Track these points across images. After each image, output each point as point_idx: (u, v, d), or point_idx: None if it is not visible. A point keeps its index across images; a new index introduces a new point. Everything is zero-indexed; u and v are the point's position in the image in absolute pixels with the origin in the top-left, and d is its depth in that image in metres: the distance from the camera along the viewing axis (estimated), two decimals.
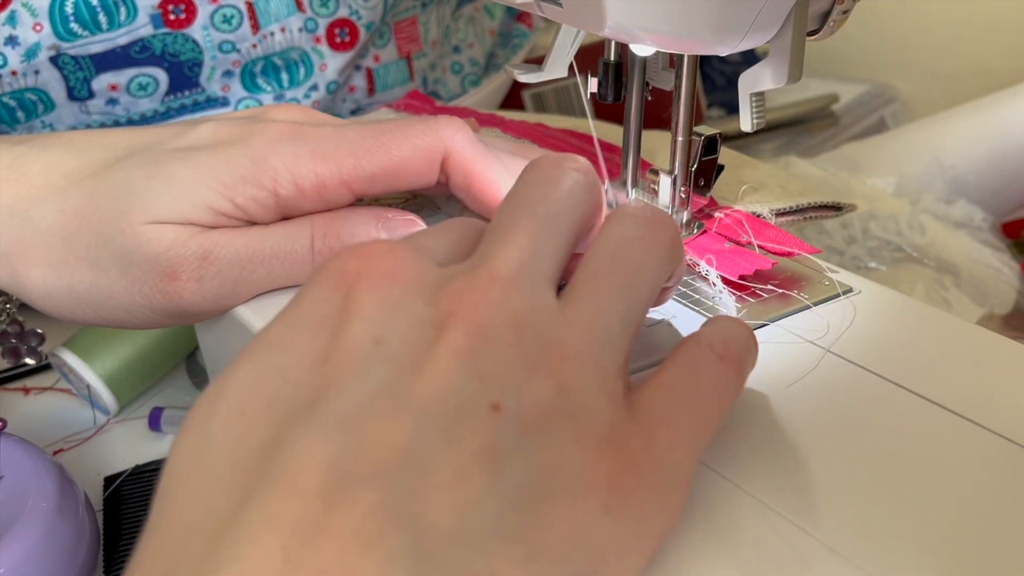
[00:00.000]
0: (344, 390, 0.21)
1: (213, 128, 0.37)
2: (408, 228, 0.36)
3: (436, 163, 0.36)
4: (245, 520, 0.19)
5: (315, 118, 0.39)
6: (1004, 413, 0.29)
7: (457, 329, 0.22)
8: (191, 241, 0.34)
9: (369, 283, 0.23)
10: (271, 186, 0.35)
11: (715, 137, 0.37)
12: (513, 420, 0.21)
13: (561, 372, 0.22)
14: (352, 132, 0.36)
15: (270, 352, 0.23)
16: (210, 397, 0.23)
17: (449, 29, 0.64)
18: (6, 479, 0.35)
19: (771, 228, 0.38)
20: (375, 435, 0.20)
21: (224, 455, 0.21)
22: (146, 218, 0.34)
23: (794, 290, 0.36)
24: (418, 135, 0.36)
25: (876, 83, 0.92)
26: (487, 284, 0.23)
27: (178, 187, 0.34)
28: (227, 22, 0.52)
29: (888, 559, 0.23)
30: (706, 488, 0.26)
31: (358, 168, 0.35)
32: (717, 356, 0.26)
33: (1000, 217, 0.67)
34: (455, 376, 0.22)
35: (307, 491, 0.19)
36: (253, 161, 0.35)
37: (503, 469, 0.21)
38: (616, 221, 0.27)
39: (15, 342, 0.43)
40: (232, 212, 0.35)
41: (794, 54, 0.31)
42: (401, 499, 0.19)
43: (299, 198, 0.35)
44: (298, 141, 0.35)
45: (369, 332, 0.22)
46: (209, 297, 0.35)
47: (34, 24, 0.48)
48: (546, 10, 0.33)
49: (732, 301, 0.34)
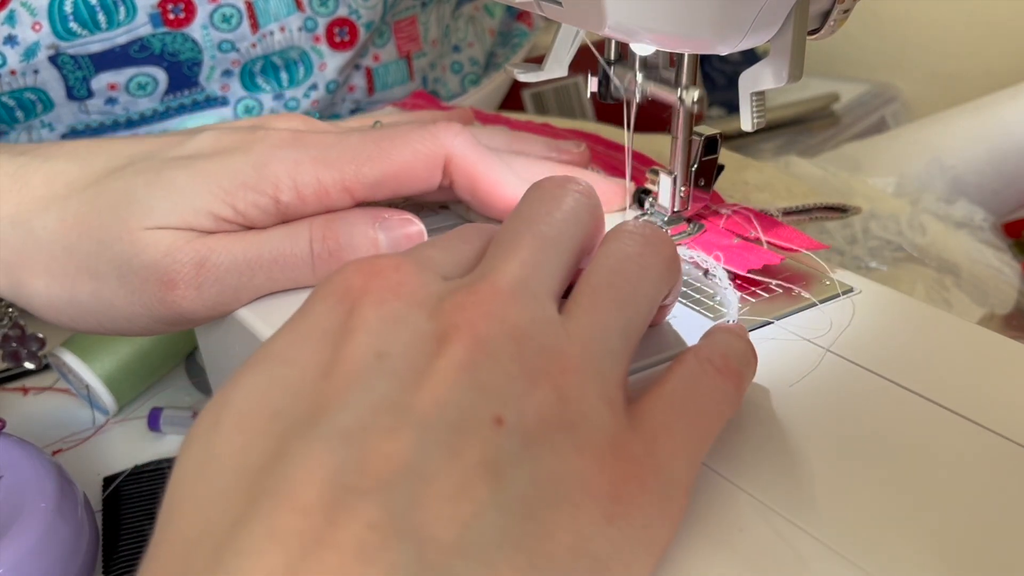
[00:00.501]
0: (346, 404, 0.21)
1: (214, 137, 0.37)
2: (405, 227, 0.36)
3: (438, 168, 0.36)
4: (248, 533, 0.19)
5: (316, 126, 0.39)
6: (1004, 413, 0.29)
7: (459, 342, 0.22)
8: (187, 247, 0.34)
9: (373, 298, 0.23)
10: (272, 192, 0.35)
11: (715, 137, 0.37)
12: (514, 431, 0.21)
13: (561, 383, 0.23)
14: (353, 139, 0.36)
15: (273, 365, 0.23)
16: (213, 410, 0.23)
17: (449, 28, 0.64)
18: (5, 479, 0.35)
19: (779, 224, 0.38)
20: (377, 448, 0.20)
21: (227, 468, 0.21)
22: (144, 224, 0.34)
23: (795, 290, 0.36)
24: (419, 140, 0.36)
25: (876, 83, 0.91)
26: (488, 297, 0.23)
27: (178, 193, 0.34)
28: (226, 21, 0.52)
29: (888, 559, 0.23)
30: (706, 488, 0.26)
31: (359, 174, 0.35)
32: (715, 370, 0.26)
33: (1001, 217, 0.67)
34: (456, 389, 0.22)
35: (309, 504, 0.19)
36: (254, 167, 0.35)
37: (505, 480, 0.21)
38: (615, 238, 0.28)
39: (16, 346, 0.44)
40: (233, 217, 0.35)
41: (794, 53, 0.31)
42: (403, 512, 0.19)
43: (300, 204, 0.35)
44: (299, 148, 0.35)
45: (372, 346, 0.22)
46: (210, 304, 0.35)
47: (33, 23, 0.48)
48: (546, 9, 0.33)
49: (736, 298, 0.34)
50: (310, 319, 0.24)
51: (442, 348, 0.22)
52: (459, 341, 0.22)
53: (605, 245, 0.28)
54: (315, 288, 0.25)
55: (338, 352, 0.23)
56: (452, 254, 0.27)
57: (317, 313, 0.24)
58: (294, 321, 0.24)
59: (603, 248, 0.28)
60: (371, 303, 0.23)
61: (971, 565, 0.23)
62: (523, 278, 0.24)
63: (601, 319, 0.25)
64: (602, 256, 0.27)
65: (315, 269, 0.35)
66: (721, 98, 0.86)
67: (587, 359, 0.24)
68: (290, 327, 0.24)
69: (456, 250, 0.27)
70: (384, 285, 0.24)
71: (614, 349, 0.25)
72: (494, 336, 0.23)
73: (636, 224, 0.29)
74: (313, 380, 0.22)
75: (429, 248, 0.27)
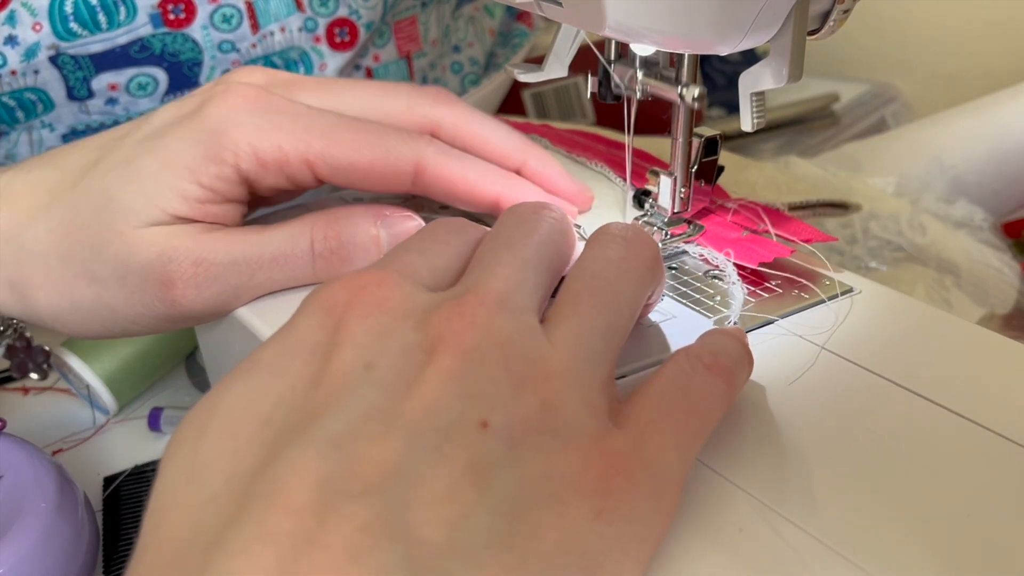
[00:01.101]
0: (336, 412, 0.22)
1: (175, 106, 0.37)
2: (406, 224, 0.36)
3: (405, 175, 0.36)
4: (239, 534, 0.19)
5: (277, 78, 0.38)
6: (1004, 413, 0.29)
7: (446, 352, 0.23)
8: (182, 245, 0.34)
9: (359, 312, 0.24)
10: (232, 160, 0.34)
11: (715, 138, 0.37)
12: (500, 435, 0.22)
13: (545, 389, 0.23)
14: (328, 117, 0.36)
15: (262, 374, 0.23)
16: (200, 415, 0.23)
17: (449, 28, 0.64)
18: (6, 479, 0.35)
19: (786, 218, 0.38)
20: (367, 454, 0.21)
21: (216, 473, 0.21)
22: (132, 224, 0.34)
23: (795, 289, 0.36)
24: (393, 143, 0.36)
25: (876, 83, 0.91)
26: (474, 309, 0.24)
27: (148, 183, 0.34)
28: (227, 22, 0.52)
29: (888, 558, 0.23)
30: (706, 488, 0.26)
31: (326, 153, 0.35)
32: (705, 366, 0.27)
33: (1000, 217, 0.67)
34: (444, 396, 0.22)
35: (300, 508, 0.19)
36: (212, 135, 0.34)
37: (492, 482, 0.21)
38: (597, 242, 0.29)
39: (23, 357, 0.44)
40: (203, 196, 0.35)
41: (794, 54, 0.31)
42: (392, 515, 0.20)
43: (261, 171, 0.35)
44: (261, 113, 0.35)
45: (360, 358, 0.23)
46: (211, 303, 0.35)
47: (33, 24, 0.48)
48: (546, 10, 0.33)
49: (743, 295, 0.34)
50: (297, 332, 0.24)
51: (430, 358, 0.23)
52: (447, 351, 0.23)
53: (587, 249, 0.29)
54: (302, 303, 0.25)
55: (327, 364, 0.23)
56: (429, 257, 0.28)
57: (304, 327, 0.24)
58: (281, 334, 0.25)
59: (585, 253, 0.28)
60: (357, 317, 0.24)
61: (971, 565, 0.23)
62: (506, 292, 0.25)
63: (582, 324, 0.25)
64: (583, 261, 0.28)
65: (316, 268, 0.36)
66: (721, 98, 0.86)
67: (569, 365, 0.24)
68: (277, 339, 0.24)
69: (433, 252, 0.28)
70: (369, 299, 0.24)
71: (596, 354, 0.25)
72: (480, 345, 0.23)
73: (618, 226, 0.29)
74: (303, 390, 0.23)
75: (406, 253, 0.28)
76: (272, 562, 0.19)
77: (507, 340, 0.24)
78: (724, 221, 0.39)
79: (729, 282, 0.34)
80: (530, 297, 0.26)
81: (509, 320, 0.24)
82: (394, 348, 0.23)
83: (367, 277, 0.25)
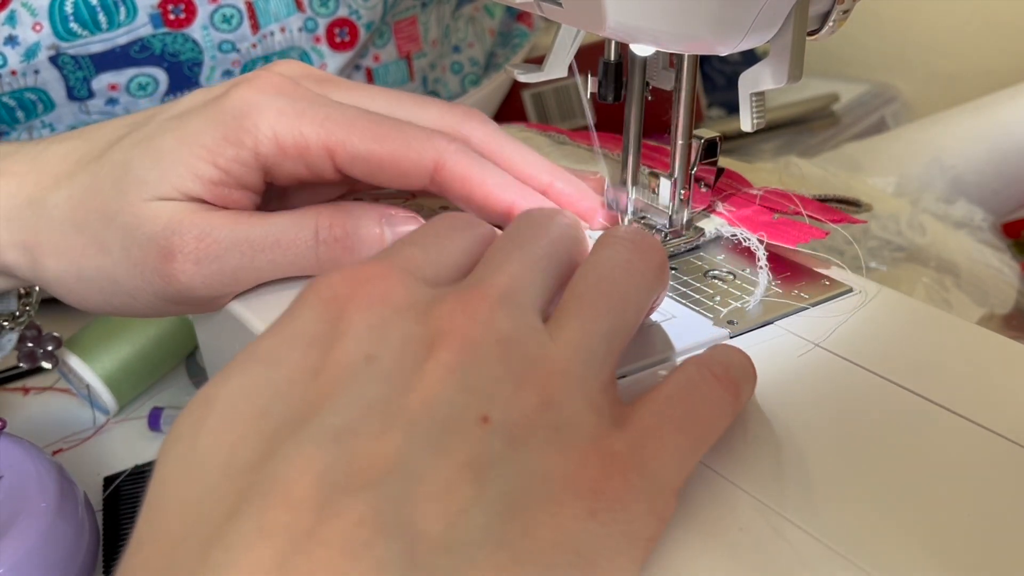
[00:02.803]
0: (336, 405, 0.21)
1: (205, 91, 0.37)
2: (411, 225, 0.36)
3: (424, 170, 0.36)
4: (237, 528, 0.19)
5: (312, 73, 0.38)
6: (1004, 413, 0.29)
7: (448, 347, 0.23)
8: (187, 220, 0.34)
9: (360, 305, 0.24)
10: (252, 144, 0.34)
11: (715, 140, 0.37)
12: (500, 431, 0.22)
13: (546, 387, 0.23)
14: (351, 109, 0.36)
15: (260, 367, 0.23)
16: (197, 408, 0.23)
17: (449, 29, 0.64)
18: (6, 479, 0.35)
19: (812, 203, 0.38)
20: (366, 448, 0.21)
21: (215, 465, 0.21)
22: (143, 196, 0.35)
23: (794, 289, 0.36)
24: (415, 138, 0.36)
25: (876, 83, 0.91)
26: (477, 304, 0.24)
27: (166, 159, 0.35)
28: (227, 22, 0.52)
29: (888, 558, 0.23)
30: (706, 487, 0.26)
31: (347, 142, 0.35)
32: (714, 377, 0.27)
33: (1000, 217, 0.67)
34: (444, 390, 0.22)
35: (299, 501, 0.19)
36: (234, 118, 0.34)
37: (489, 479, 0.21)
38: (605, 245, 0.29)
39: (32, 346, 0.44)
40: (219, 178, 0.35)
41: (794, 54, 0.31)
42: (391, 509, 0.20)
43: (280, 156, 0.35)
44: (285, 97, 0.35)
45: (361, 349, 0.23)
46: (209, 282, 0.35)
47: (34, 24, 0.48)
48: (546, 10, 0.33)
49: (767, 281, 0.35)
50: (296, 323, 0.24)
51: (431, 352, 0.23)
52: (448, 345, 0.23)
53: (594, 252, 0.29)
54: (300, 294, 0.25)
55: (327, 356, 0.23)
56: (432, 253, 0.27)
57: (304, 318, 0.24)
58: (280, 325, 0.24)
59: (592, 254, 0.28)
60: (359, 309, 0.24)
61: (970, 565, 0.23)
62: (511, 289, 0.25)
63: (586, 326, 0.25)
64: (591, 262, 0.28)
65: (319, 255, 0.35)
66: (721, 98, 0.86)
67: (571, 365, 0.24)
68: (276, 330, 0.24)
69: (435, 247, 0.28)
70: (371, 292, 0.24)
71: (599, 355, 0.25)
72: (482, 340, 0.23)
73: (627, 230, 0.29)
74: (302, 382, 0.22)
75: (409, 247, 0.27)
76: (270, 556, 0.19)
77: (508, 336, 0.24)
78: (753, 204, 0.39)
79: (759, 265, 0.35)
80: (535, 296, 0.26)
81: (511, 317, 0.24)
82: (396, 341, 0.23)
83: (369, 270, 0.25)
